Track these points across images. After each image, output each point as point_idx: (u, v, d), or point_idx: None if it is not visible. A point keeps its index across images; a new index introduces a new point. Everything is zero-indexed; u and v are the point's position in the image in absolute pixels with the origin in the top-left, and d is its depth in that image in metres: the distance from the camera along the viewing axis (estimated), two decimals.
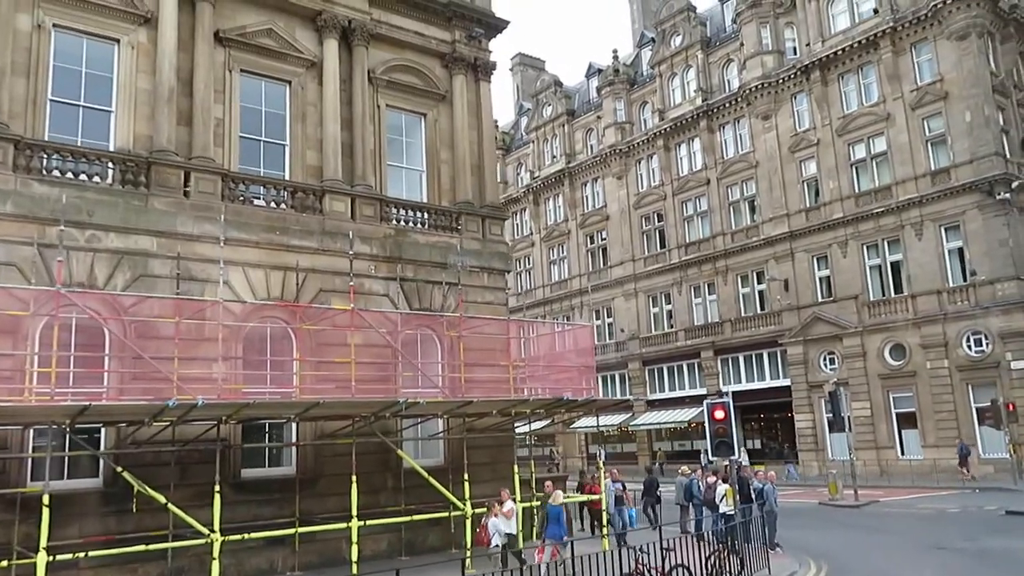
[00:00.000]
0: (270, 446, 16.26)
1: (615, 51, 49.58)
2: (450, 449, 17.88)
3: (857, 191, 36.96)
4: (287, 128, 17.84)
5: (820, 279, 38.26)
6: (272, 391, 15.49)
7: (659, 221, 46.45)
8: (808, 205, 38.90)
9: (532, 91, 57.25)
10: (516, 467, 17.73)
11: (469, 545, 15.22)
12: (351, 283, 15.57)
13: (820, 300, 37.90)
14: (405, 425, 17.16)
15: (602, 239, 50.20)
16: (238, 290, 15.71)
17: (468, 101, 20.56)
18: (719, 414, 16.21)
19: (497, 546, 14.76)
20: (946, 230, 33.93)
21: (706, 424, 16.73)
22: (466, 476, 15.64)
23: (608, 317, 49.24)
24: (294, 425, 15.96)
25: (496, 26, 21.29)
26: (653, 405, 45.10)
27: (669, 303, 45.49)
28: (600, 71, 51.23)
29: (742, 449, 33.17)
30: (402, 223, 18.71)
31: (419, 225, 18.99)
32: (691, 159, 44.90)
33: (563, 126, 53.13)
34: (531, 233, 55.50)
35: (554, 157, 53.62)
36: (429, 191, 19.82)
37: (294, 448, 16.12)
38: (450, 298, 18.72)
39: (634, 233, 47.60)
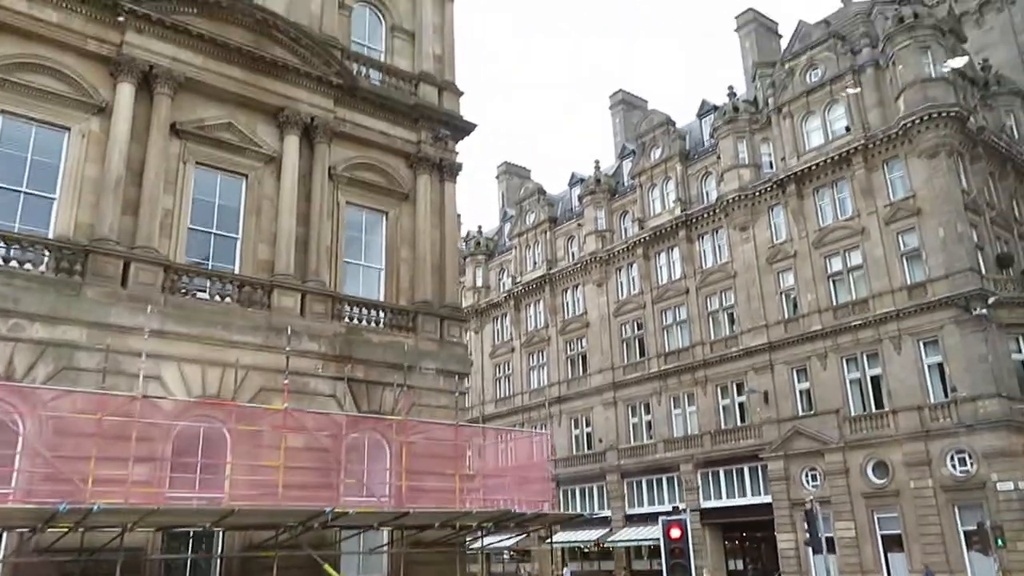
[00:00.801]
0: (191, 557, 15.00)
1: (597, 161, 50.52)
2: (393, 564, 16.71)
3: (835, 304, 36.73)
4: (240, 221, 17.43)
5: (800, 392, 37.49)
6: (199, 496, 14.45)
7: (639, 329, 46.00)
8: (786, 316, 38.59)
9: (516, 198, 57.96)
10: None
11: None
12: (285, 381, 14.79)
13: (800, 414, 37.02)
14: (346, 536, 16.03)
15: (582, 347, 49.58)
16: (171, 386, 14.88)
17: (432, 200, 20.34)
18: (675, 532, 15.15)
19: None
20: (924, 345, 33.48)
21: (661, 544, 15.64)
22: None
23: (587, 426, 48.01)
24: (222, 534, 14.85)
25: (464, 128, 21.33)
26: (632, 520, 43.28)
27: (648, 413, 44.43)
28: (582, 180, 52.02)
29: (705, 571, 31.45)
30: (355, 321, 18.09)
31: (373, 324, 18.36)
32: (670, 268, 44.91)
33: (545, 233, 53.47)
34: (511, 339, 54.92)
35: (535, 263, 53.69)
36: (387, 290, 19.28)
37: (219, 560, 14.90)
38: (402, 400, 17.91)
39: (613, 341, 47.03)
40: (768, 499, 37.19)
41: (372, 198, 19.66)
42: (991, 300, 31.72)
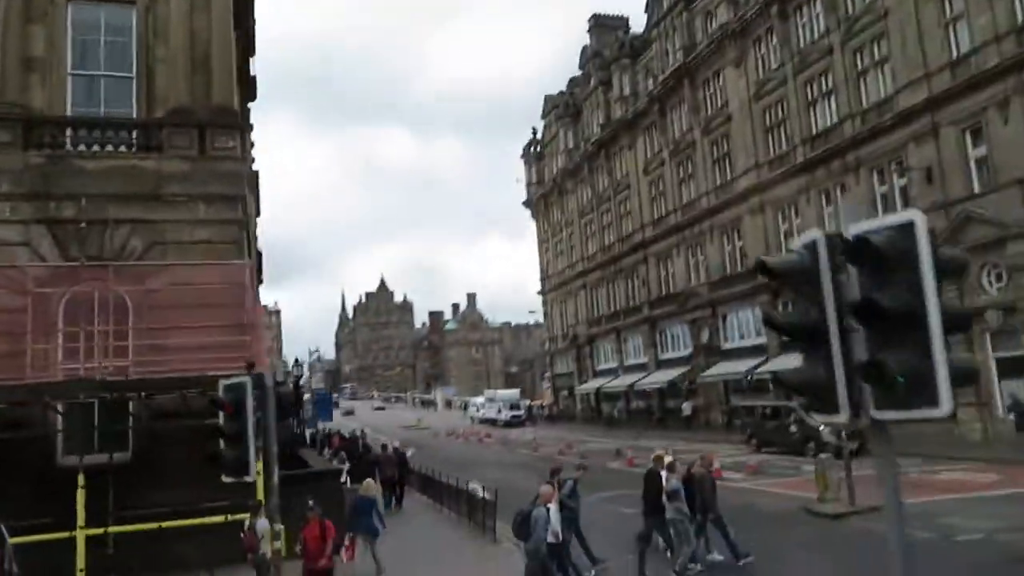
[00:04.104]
0: None
1: None
2: (139, 442, 13.62)
3: (1021, 23, 24.61)
4: None
5: (974, 161, 26.44)
6: None
7: (782, 112, 36.11)
8: (954, 56, 26.96)
9: None
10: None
11: None
12: None
13: (976, 192, 26.26)
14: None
15: (726, 147, 40.68)
16: None
17: None
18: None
19: (264, 553, 10.91)
20: None
21: None
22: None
23: (738, 240, 39.93)
24: None
25: None
26: (789, 347, 35.48)
27: (798, 216, 35.30)
28: None
29: None
30: (66, 147, 14.32)
31: (96, 148, 14.44)
32: (813, 24, 33.94)
33: (682, 14, 43.71)
34: (660, 149, 47.11)
35: (674, 56, 44.50)
36: (139, 101, 15.11)
37: None
38: (135, 239, 14.10)
39: (757, 132, 37.67)
40: None
41: None
42: None
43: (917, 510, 14.21)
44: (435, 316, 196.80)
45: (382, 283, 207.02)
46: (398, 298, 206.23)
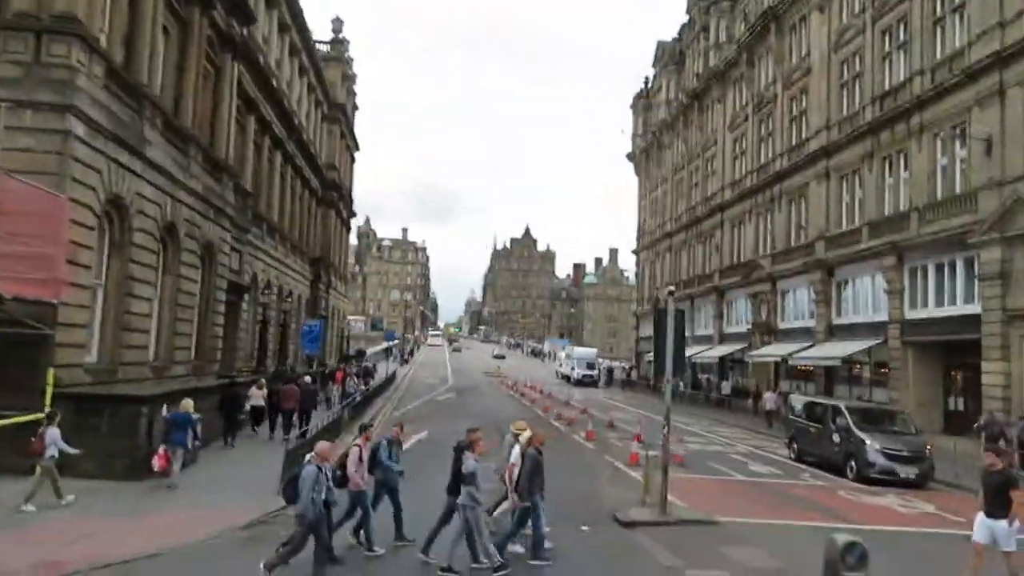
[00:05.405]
0: None
1: None
2: None
3: None
4: None
5: None
6: None
7: (859, 65, 31.59)
8: None
9: None
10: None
11: None
12: None
13: None
14: None
15: (803, 103, 36.40)
16: None
17: None
18: None
19: (53, 457, 11.95)
20: None
21: None
22: None
23: (804, 210, 35.87)
24: None
25: None
26: (834, 332, 31.59)
27: (860, 187, 31.04)
28: None
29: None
30: None
31: None
32: None
33: None
34: (746, 104, 43.01)
35: None
36: None
37: None
38: None
39: (832, 88, 33.31)
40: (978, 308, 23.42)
41: None
42: None
43: (744, 531, 11.92)
44: (578, 268, 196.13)
45: (527, 230, 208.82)
46: (541, 247, 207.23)
